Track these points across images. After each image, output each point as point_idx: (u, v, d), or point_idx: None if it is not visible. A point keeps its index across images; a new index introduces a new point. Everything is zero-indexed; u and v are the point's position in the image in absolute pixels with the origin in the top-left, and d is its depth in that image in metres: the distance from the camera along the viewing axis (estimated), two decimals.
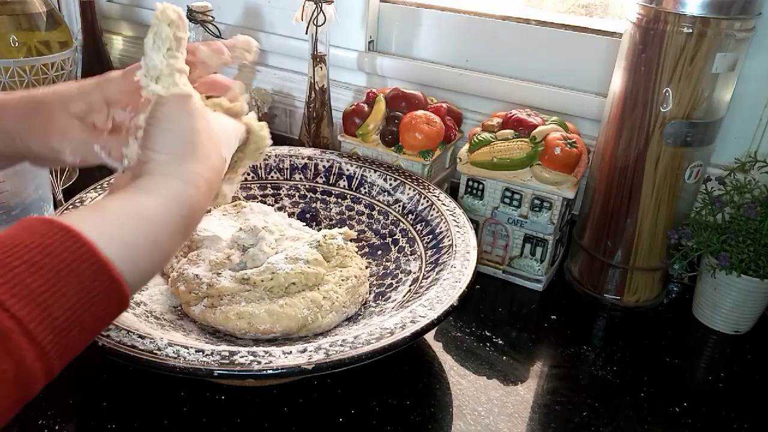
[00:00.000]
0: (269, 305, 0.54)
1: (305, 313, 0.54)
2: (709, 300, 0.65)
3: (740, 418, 0.54)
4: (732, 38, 0.56)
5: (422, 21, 0.88)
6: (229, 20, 1.02)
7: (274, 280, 0.55)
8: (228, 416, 0.51)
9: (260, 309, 0.54)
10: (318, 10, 0.77)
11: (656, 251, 0.66)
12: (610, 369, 0.59)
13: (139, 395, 0.52)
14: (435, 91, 0.87)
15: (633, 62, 0.60)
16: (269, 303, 0.54)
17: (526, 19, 0.82)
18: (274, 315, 0.53)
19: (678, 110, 0.59)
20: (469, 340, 0.62)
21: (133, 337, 0.44)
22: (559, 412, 0.53)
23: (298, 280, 0.55)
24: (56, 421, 0.49)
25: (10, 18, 0.93)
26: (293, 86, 1.01)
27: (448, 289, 0.52)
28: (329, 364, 0.43)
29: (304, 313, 0.54)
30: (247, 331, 0.53)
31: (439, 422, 0.52)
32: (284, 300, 0.54)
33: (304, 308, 0.54)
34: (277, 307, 0.54)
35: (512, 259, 0.71)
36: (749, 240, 0.61)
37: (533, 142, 0.67)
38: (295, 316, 0.54)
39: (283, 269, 0.56)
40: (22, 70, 0.92)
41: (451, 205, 0.66)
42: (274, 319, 0.53)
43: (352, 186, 0.74)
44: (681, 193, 0.63)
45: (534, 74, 0.83)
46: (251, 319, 0.53)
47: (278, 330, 0.53)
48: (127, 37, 1.19)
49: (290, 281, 0.55)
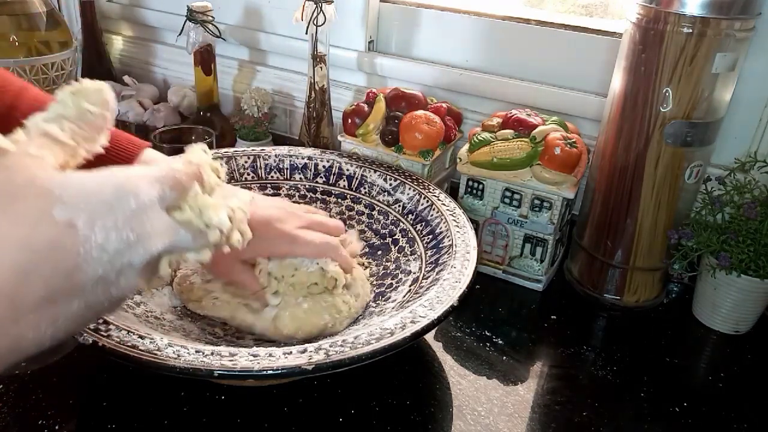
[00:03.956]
0: (293, 308, 0.54)
1: (326, 319, 0.54)
2: (709, 300, 0.65)
3: (740, 418, 0.54)
4: (732, 38, 0.56)
5: (422, 21, 0.88)
6: (229, 20, 1.02)
7: (296, 277, 0.54)
8: (228, 416, 0.51)
9: (284, 312, 0.54)
10: (318, 10, 0.77)
11: (656, 251, 0.66)
12: (610, 369, 0.59)
13: (139, 395, 0.52)
14: (435, 91, 0.87)
15: (633, 62, 0.60)
16: (293, 306, 0.54)
17: (526, 19, 0.82)
18: (297, 320, 0.53)
19: (678, 110, 0.59)
20: (469, 340, 0.62)
21: (133, 337, 0.44)
22: (559, 412, 0.53)
23: (319, 280, 0.55)
24: (56, 421, 0.49)
25: (10, 18, 0.93)
26: (293, 86, 1.01)
27: (448, 289, 0.52)
28: (329, 364, 0.43)
29: (326, 319, 0.54)
30: (273, 333, 0.54)
31: (439, 422, 0.52)
32: (307, 304, 0.54)
33: (326, 314, 0.54)
34: (300, 312, 0.54)
35: (512, 259, 0.71)
36: (749, 240, 0.61)
37: (533, 142, 0.67)
38: (317, 323, 0.54)
39: (307, 266, 0.55)
40: (22, 70, 0.92)
41: (451, 205, 0.66)
42: (297, 325, 0.53)
43: (352, 186, 0.74)
44: (681, 193, 0.63)
45: (534, 74, 0.83)
46: (276, 322, 0.54)
47: (300, 336, 0.53)
48: (127, 37, 1.19)
49: (312, 281, 0.55)
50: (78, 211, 0.28)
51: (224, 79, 1.03)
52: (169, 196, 0.33)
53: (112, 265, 0.30)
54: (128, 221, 0.30)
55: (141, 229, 0.31)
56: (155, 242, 0.32)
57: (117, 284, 0.31)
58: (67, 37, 1.00)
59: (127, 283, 0.31)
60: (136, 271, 0.31)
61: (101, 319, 0.45)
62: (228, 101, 1.07)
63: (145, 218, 0.31)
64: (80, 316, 0.30)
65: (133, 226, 0.30)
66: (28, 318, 0.27)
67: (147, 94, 1.05)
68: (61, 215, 0.28)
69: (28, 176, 0.28)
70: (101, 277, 0.29)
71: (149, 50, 1.15)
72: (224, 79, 1.03)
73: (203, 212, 0.35)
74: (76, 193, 0.29)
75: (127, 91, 1.03)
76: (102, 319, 0.45)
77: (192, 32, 0.88)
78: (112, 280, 0.30)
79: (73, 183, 0.29)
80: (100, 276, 0.29)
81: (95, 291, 0.30)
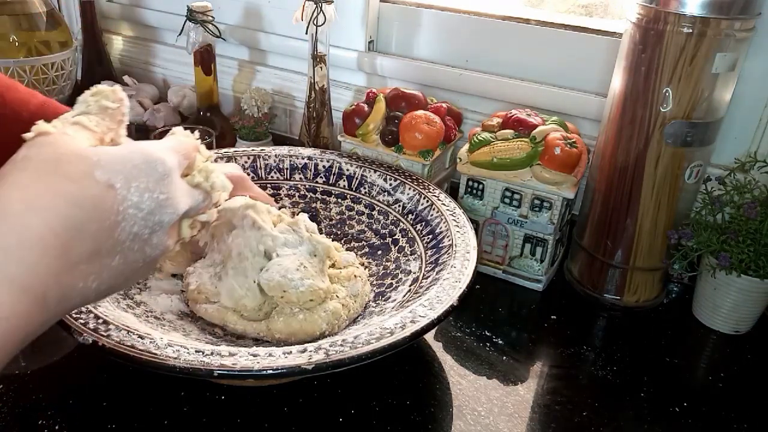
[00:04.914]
0: (288, 317, 0.54)
1: (324, 327, 0.54)
2: (709, 300, 0.65)
3: (740, 418, 0.54)
4: (732, 38, 0.56)
5: (422, 21, 0.88)
6: (229, 20, 1.02)
7: (285, 297, 0.53)
8: (228, 416, 0.51)
9: (279, 318, 0.54)
10: (318, 10, 0.77)
11: (656, 251, 0.66)
12: (610, 369, 0.59)
13: (139, 395, 0.52)
14: (435, 91, 0.87)
15: (633, 62, 0.60)
16: (288, 315, 0.54)
17: (526, 19, 0.82)
18: (291, 327, 0.53)
19: (678, 110, 0.59)
20: (469, 340, 0.62)
21: (133, 337, 0.44)
22: (559, 412, 0.53)
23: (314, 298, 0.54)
24: (56, 421, 0.49)
25: (10, 18, 0.93)
26: (293, 86, 1.01)
27: (448, 289, 0.52)
28: (329, 364, 0.43)
29: (323, 327, 0.54)
30: (265, 335, 0.54)
31: (439, 422, 0.52)
32: (303, 315, 0.54)
33: (324, 323, 0.54)
34: (295, 322, 0.53)
35: (512, 259, 0.71)
36: (749, 240, 0.61)
37: (533, 142, 0.67)
38: (313, 332, 0.54)
39: (297, 287, 0.53)
40: (22, 70, 0.92)
41: (451, 205, 0.66)
42: (290, 331, 0.53)
43: (352, 186, 0.74)
44: (681, 193, 0.63)
45: (534, 74, 0.83)
46: (270, 324, 0.54)
47: (293, 341, 0.53)
48: (127, 37, 1.19)
49: (306, 299, 0.53)
50: (116, 173, 0.33)
51: (224, 79, 1.03)
52: (183, 164, 0.39)
53: (146, 223, 0.34)
54: (158, 184, 0.35)
55: (169, 191, 0.36)
56: (181, 202, 0.37)
57: (150, 242, 0.35)
58: (67, 37, 1.00)
59: (159, 241, 0.36)
60: (165, 231, 0.36)
61: (101, 319, 0.45)
62: (228, 101, 1.07)
63: (170, 181, 0.36)
64: (120, 273, 0.34)
65: (162, 189, 0.35)
66: (79, 268, 0.31)
67: (147, 94, 1.05)
68: (102, 176, 0.32)
69: (69, 147, 0.33)
70: (137, 234, 0.34)
71: (149, 50, 1.15)
72: (224, 79, 1.03)
73: (208, 177, 0.41)
74: (112, 160, 0.33)
75: (127, 91, 1.02)
76: (102, 318, 0.46)
77: (192, 32, 0.88)
78: (145, 238, 0.34)
79: (109, 152, 0.34)
80: (136, 233, 0.34)
81: (132, 248, 0.34)
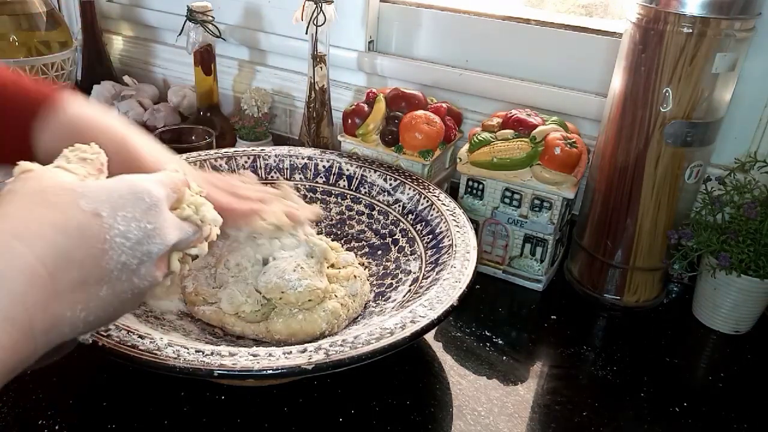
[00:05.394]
0: (287, 318, 0.54)
1: (324, 327, 0.54)
2: (709, 300, 0.65)
3: (740, 418, 0.54)
4: (732, 38, 0.56)
5: (422, 21, 0.88)
6: (229, 20, 1.02)
7: (284, 298, 0.54)
8: (228, 416, 0.51)
9: (278, 319, 0.54)
10: (318, 10, 0.77)
11: (656, 251, 0.66)
12: (610, 369, 0.59)
13: (139, 395, 0.52)
14: (435, 91, 0.87)
15: (633, 62, 0.60)
16: (287, 316, 0.54)
17: (526, 19, 0.82)
18: (291, 328, 0.53)
19: (678, 110, 0.59)
20: (469, 340, 0.62)
21: (133, 337, 0.44)
22: (559, 412, 0.53)
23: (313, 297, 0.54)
24: (56, 421, 0.49)
25: (10, 18, 0.93)
26: (293, 86, 1.01)
27: (448, 289, 0.52)
28: (329, 364, 0.43)
29: (323, 327, 0.54)
30: (264, 337, 0.54)
31: (439, 422, 0.52)
32: (303, 315, 0.54)
33: (324, 322, 0.54)
34: (294, 323, 0.54)
35: (512, 259, 0.71)
36: (749, 240, 0.61)
37: (533, 142, 0.67)
38: (313, 332, 0.54)
39: (295, 288, 0.53)
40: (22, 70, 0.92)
41: (451, 205, 0.66)
42: (290, 332, 0.53)
43: (352, 186, 0.74)
44: (681, 193, 0.63)
45: (534, 74, 0.83)
46: (269, 325, 0.54)
47: (293, 341, 0.53)
48: (127, 37, 1.19)
49: (305, 299, 0.54)
50: (101, 203, 0.33)
51: (224, 79, 1.03)
52: (171, 197, 0.38)
53: (134, 252, 0.34)
54: (145, 214, 0.35)
55: (156, 222, 0.35)
56: (170, 234, 0.37)
57: (138, 273, 0.35)
58: (67, 37, 1.00)
59: (147, 272, 0.35)
60: (153, 262, 0.36)
61: None
62: (228, 101, 1.07)
63: (158, 212, 0.36)
64: (108, 303, 0.34)
65: (150, 219, 0.35)
66: (66, 297, 0.31)
67: (147, 94, 1.05)
68: (87, 206, 0.32)
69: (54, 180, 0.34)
70: (124, 264, 0.34)
71: (149, 50, 1.15)
72: (224, 79, 1.03)
73: (198, 210, 0.41)
74: (97, 190, 0.34)
75: (127, 91, 1.03)
76: None
77: (192, 32, 0.88)
78: (133, 268, 0.34)
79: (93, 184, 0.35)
80: (123, 263, 0.34)
81: (120, 277, 0.34)
